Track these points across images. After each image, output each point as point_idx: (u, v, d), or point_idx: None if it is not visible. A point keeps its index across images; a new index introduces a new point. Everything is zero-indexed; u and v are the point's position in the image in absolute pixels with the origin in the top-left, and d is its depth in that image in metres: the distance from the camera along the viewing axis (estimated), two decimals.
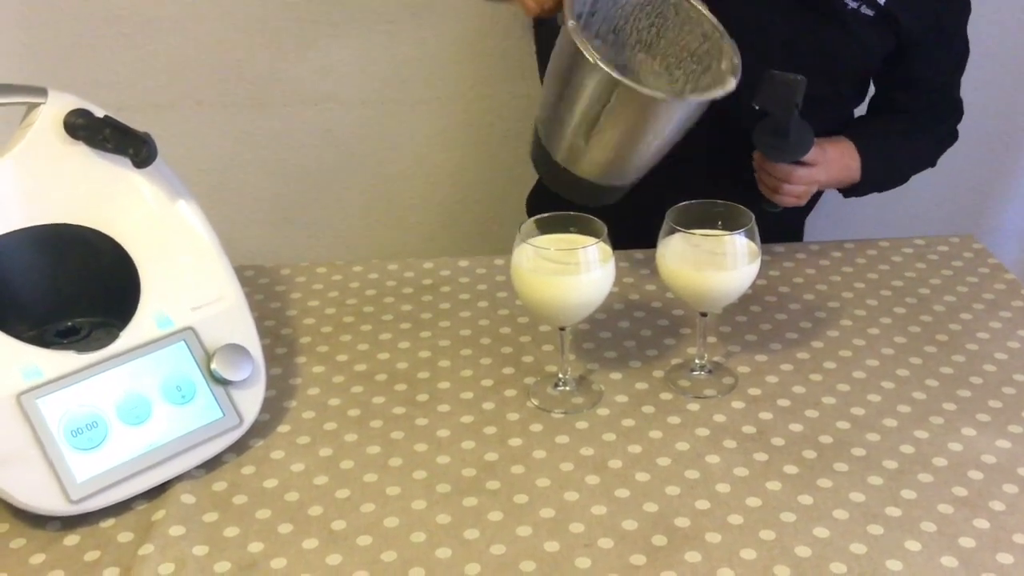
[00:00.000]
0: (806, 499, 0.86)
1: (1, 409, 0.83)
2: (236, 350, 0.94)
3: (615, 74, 0.95)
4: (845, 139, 1.24)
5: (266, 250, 1.59)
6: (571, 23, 0.99)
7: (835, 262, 1.23)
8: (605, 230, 0.92)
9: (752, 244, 0.94)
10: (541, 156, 1.08)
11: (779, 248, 1.26)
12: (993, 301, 1.14)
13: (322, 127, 1.65)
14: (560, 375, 1.00)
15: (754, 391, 1.00)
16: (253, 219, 1.66)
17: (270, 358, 1.05)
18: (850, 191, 1.30)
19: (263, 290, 1.20)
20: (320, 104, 1.63)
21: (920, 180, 1.70)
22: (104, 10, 1.57)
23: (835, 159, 1.22)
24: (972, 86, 1.32)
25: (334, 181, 1.69)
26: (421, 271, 1.24)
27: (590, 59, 0.95)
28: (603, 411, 0.98)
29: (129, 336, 0.91)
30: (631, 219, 1.05)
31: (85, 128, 0.96)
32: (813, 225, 1.44)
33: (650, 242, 0.98)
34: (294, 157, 1.67)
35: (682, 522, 0.83)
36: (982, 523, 0.82)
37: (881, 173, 1.28)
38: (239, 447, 0.94)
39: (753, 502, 0.85)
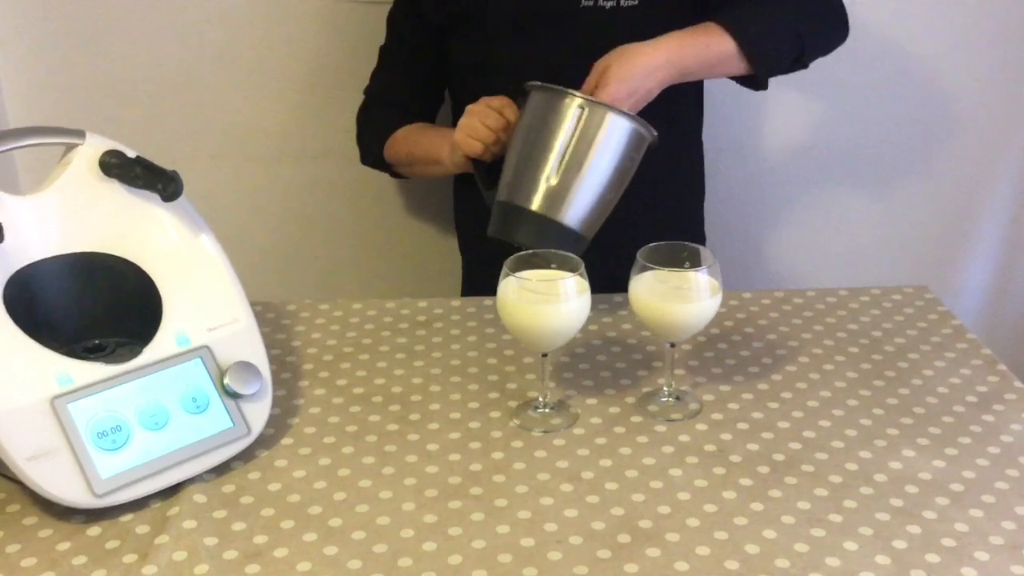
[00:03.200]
0: (757, 506, 0.95)
1: (36, 411, 0.93)
2: (246, 367, 1.04)
3: (580, 96, 1.12)
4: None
5: (274, 289, 1.71)
6: (538, 83, 1.17)
7: (797, 307, 1.34)
8: (582, 265, 1.03)
9: (713, 280, 1.05)
10: (509, 219, 1.18)
11: (747, 295, 1.37)
12: (939, 343, 1.24)
13: (327, 180, 1.78)
14: (541, 399, 1.10)
15: (716, 416, 1.10)
16: (263, 261, 1.78)
17: (276, 381, 1.15)
18: (754, 66, 1.25)
19: (270, 323, 1.30)
20: (325, 159, 1.77)
21: (885, 240, 1.83)
22: (132, 70, 1.71)
23: (669, 38, 1.21)
24: (936, 152, 1.44)
25: (338, 228, 1.82)
26: (416, 309, 1.34)
27: (562, 91, 1.13)
28: (579, 431, 1.07)
29: (151, 352, 1.01)
30: (599, 267, 1.16)
31: (118, 167, 1.07)
32: (779, 277, 1.55)
33: (621, 286, 1.09)
34: (301, 207, 1.80)
35: (645, 524, 0.92)
36: (915, 528, 0.92)
37: (765, 32, 1.25)
38: (246, 455, 1.03)
39: (710, 508, 0.95)
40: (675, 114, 1.44)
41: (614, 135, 1.15)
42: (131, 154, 1.08)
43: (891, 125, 1.81)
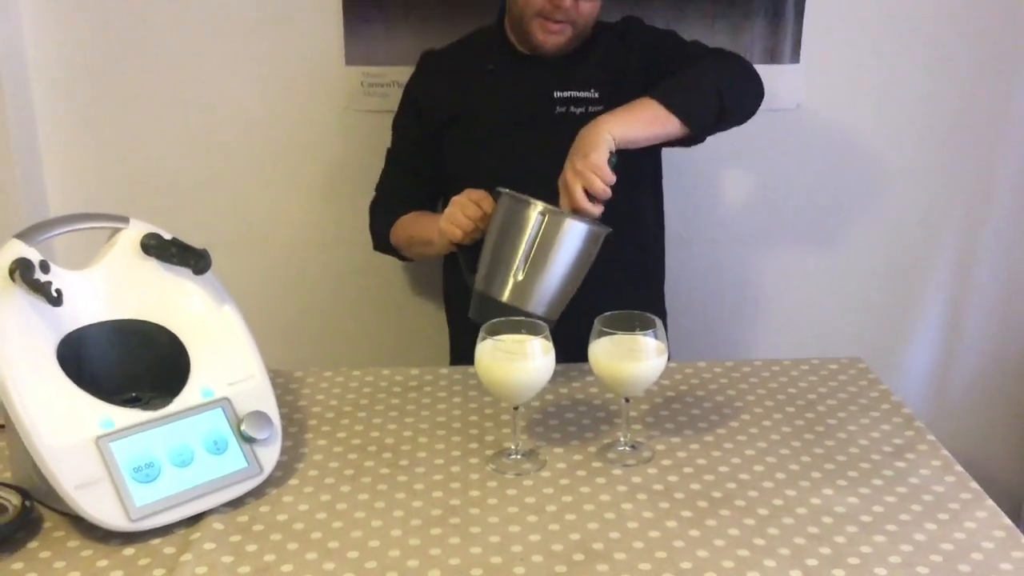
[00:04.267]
0: (694, 532, 1.11)
1: (83, 448, 1.10)
2: (260, 416, 1.21)
3: (542, 206, 1.31)
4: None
5: (284, 357, 1.89)
6: (505, 190, 1.36)
7: (744, 374, 1.51)
8: (547, 330, 1.22)
9: (660, 343, 1.23)
10: (485, 307, 1.36)
11: (701, 363, 1.55)
12: (866, 405, 1.42)
13: (335, 265, 2.00)
14: (513, 447, 1.27)
15: (666, 462, 1.26)
16: (276, 332, 1.97)
17: (284, 433, 1.31)
18: (691, 126, 1.43)
19: (280, 387, 1.48)
20: (334, 247, 1.98)
21: (832, 322, 2.02)
22: (165, 164, 1.95)
23: (613, 114, 1.39)
24: (878, 240, 1.63)
25: (342, 306, 2.03)
26: (408, 376, 1.52)
27: (526, 200, 1.32)
28: (545, 474, 1.24)
29: (180, 402, 1.19)
30: (571, 337, 1.34)
31: (156, 247, 1.26)
32: (732, 348, 1.72)
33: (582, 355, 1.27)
34: (312, 287, 2.03)
35: (597, 546, 1.08)
36: (826, 550, 1.07)
37: (691, 93, 1.43)
38: (258, 492, 1.19)
39: (654, 534, 1.11)
40: (637, 211, 1.67)
41: (571, 237, 1.34)
42: (167, 236, 1.27)
43: (839, 211, 2.03)
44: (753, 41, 1.91)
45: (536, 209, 1.33)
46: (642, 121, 1.41)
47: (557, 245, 1.33)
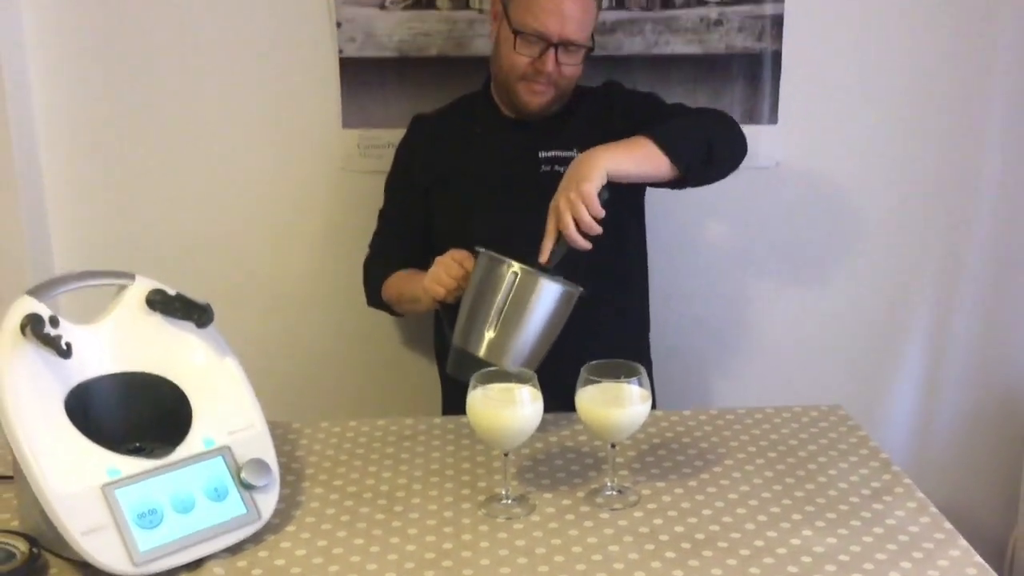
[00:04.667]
0: (678, 573, 1.15)
1: (90, 496, 1.15)
2: (259, 464, 1.26)
3: (516, 265, 1.37)
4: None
5: (280, 411, 1.94)
6: (483, 249, 1.42)
7: (727, 422, 1.56)
8: (535, 378, 1.27)
9: (644, 390, 1.29)
10: (462, 362, 1.42)
11: (686, 412, 1.60)
12: (845, 450, 1.46)
13: (331, 320, 2.06)
14: (504, 492, 1.32)
15: (652, 506, 1.31)
16: (272, 387, 2.01)
17: (282, 482, 1.36)
18: (680, 167, 1.48)
19: (278, 437, 1.51)
20: (330, 303, 2.04)
21: (814, 372, 2.08)
22: (162, 231, 2.02)
23: (608, 146, 1.44)
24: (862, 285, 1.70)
25: (339, 360, 2.09)
26: (403, 425, 1.57)
27: (501, 259, 1.38)
28: (535, 518, 1.28)
29: (182, 450, 1.23)
30: (561, 388, 1.38)
31: (161, 303, 1.32)
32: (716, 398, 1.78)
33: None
34: (309, 341, 2.09)
35: None
36: None
37: (682, 136, 1.50)
38: (257, 537, 1.24)
39: (639, 575, 1.15)
40: (622, 265, 1.74)
41: (544, 296, 1.39)
42: (172, 291, 1.33)
43: (819, 264, 2.10)
44: (733, 103, 2.00)
45: (511, 269, 1.39)
46: (635, 157, 1.47)
47: (530, 304, 1.39)
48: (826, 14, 1.99)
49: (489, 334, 1.40)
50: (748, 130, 1.91)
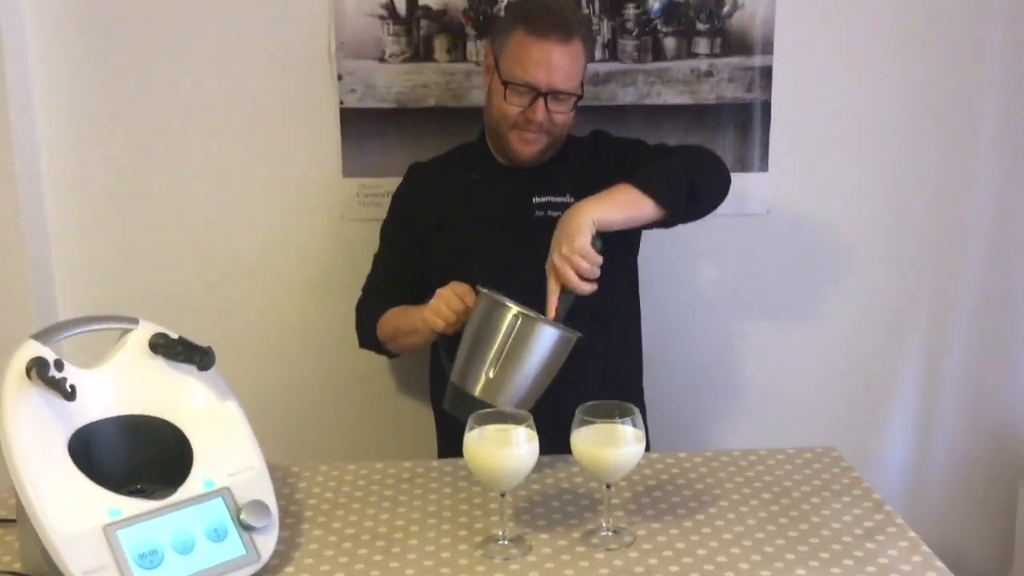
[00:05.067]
0: None
1: (92, 536, 1.16)
2: (259, 505, 1.27)
3: (516, 308, 1.40)
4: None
5: (279, 454, 1.96)
6: (484, 289, 1.45)
7: (722, 463, 1.58)
8: (531, 419, 1.29)
9: (638, 430, 1.31)
10: (459, 400, 1.45)
11: (682, 454, 1.62)
12: (838, 491, 1.48)
13: (328, 364, 2.09)
14: (501, 532, 1.33)
15: (647, 546, 1.32)
16: (271, 430, 2.03)
17: (281, 524, 1.37)
18: (664, 206, 1.52)
19: (277, 480, 1.53)
20: (327, 348, 2.07)
21: (808, 414, 2.10)
22: (162, 278, 2.05)
23: (592, 198, 1.49)
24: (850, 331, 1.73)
25: (336, 403, 2.10)
26: (401, 468, 1.58)
27: (502, 303, 1.41)
28: (532, 558, 1.29)
29: (183, 492, 1.25)
30: (556, 432, 1.41)
31: (163, 346, 1.35)
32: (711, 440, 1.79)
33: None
34: (307, 385, 2.11)
35: None
36: None
37: (663, 177, 1.54)
38: None
39: None
40: (615, 311, 1.77)
41: (542, 341, 1.42)
42: (174, 335, 1.36)
43: (810, 309, 2.13)
44: (724, 151, 2.04)
45: (511, 312, 1.42)
46: (619, 204, 1.51)
47: (528, 347, 1.42)
48: (814, 65, 2.04)
49: (487, 375, 1.42)
50: (739, 177, 1.97)
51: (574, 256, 1.44)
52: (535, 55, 1.64)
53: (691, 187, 1.58)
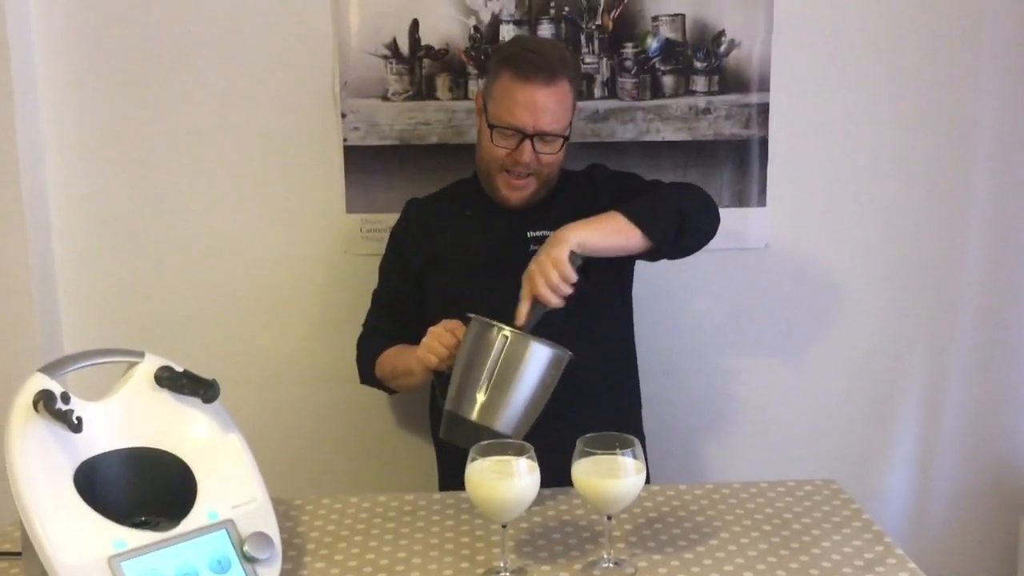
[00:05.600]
0: None
1: (97, 567, 1.17)
2: (262, 536, 1.28)
3: (507, 329, 1.42)
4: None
5: (281, 487, 1.97)
6: (475, 315, 1.47)
7: (722, 496, 1.59)
8: (532, 450, 1.30)
9: (638, 462, 1.32)
10: (454, 425, 1.46)
11: (682, 486, 1.62)
12: (838, 522, 1.49)
13: (329, 398, 2.10)
14: (502, 564, 1.34)
15: None
16: (273, 464, 2.04)
17: (284, 557, 1.38)
18: (652, 238, 1.55)
19: (280, 513, 1.53)
20: (329, 382, 2.09)
21: (809, 445, 2.11)
22: (165, 312, 2.07)
23: (578, 223, 1.52)
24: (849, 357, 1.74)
25: (337, 437, 2.12)
26: (403, 501, 1.59)
27: (491, 323, 1.43)
28: None
29: (187, 523, 1.26)
30: (556, 464, 1.41)
31: (169, 379, 1.36)
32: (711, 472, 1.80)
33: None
34: (309, 419, 2.12)
35: None
36: None
37: (652, 209, 1.57)
38: None
39: None
40: (609, 343, 1.79)
41: (533, 359, 1.44)
42: (179, 368, 1.37)
43: (809, 343, 2.15)
44: (722, 187, 2.07)
45: (501, 332, 1.44)
46: (605, 231, 1.54)
47: (520, 366, 1.43)
48: (810, 102, 2.07)
49: (480, 397, 1.44)
50: (737, 213, 1.99)
51: (547, 264, 1.47)
52: (520, 98, 1.67)
53: (680, 221, 1.60)
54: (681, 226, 1.60)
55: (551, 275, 1.47)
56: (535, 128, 1.68)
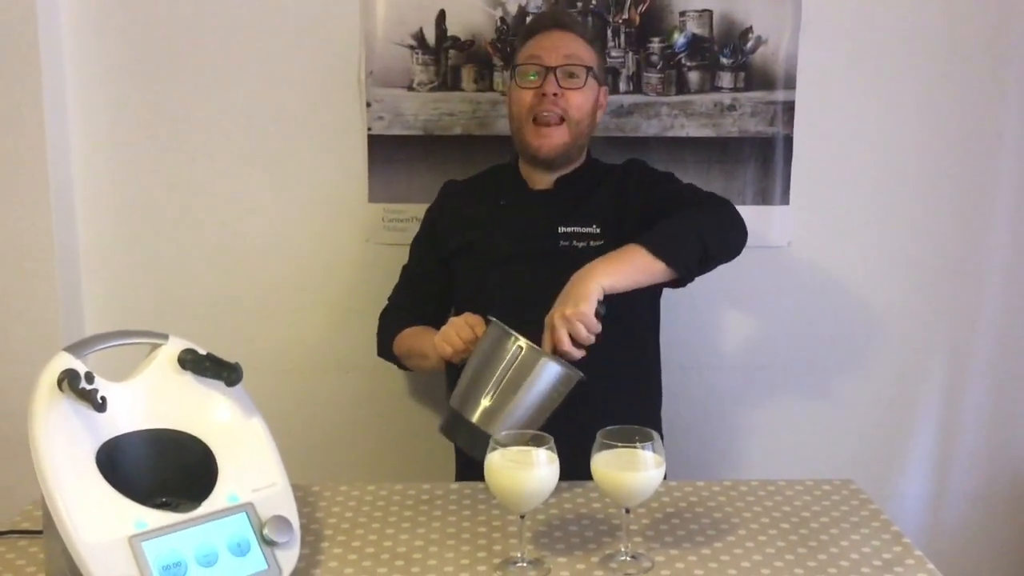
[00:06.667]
0: None
1: (117, 546, 1.18)
2: (282, 520, 1.29)
3: (523, 340, 1.42)
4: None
5: (300, 473, 1.98)
6: (495, 320, 1.47)
7: (740, 493, 1.58)
8: (552, 441, 1.30)
9: (658, 456, 1.32)
10: (454, 423, 1.47)
11: (700, 483, 1.62)
12: (856, 522, 1.48)
13: (350, 387, 2.11)
14: (520, 555, 1.34)
15: (665, 572, 1.32)
16: (292, 450, 2.05)
17: (302, 542, 1.38)
18: (676, 269, 1.54)
19: (298, 499, 1.52)
20: (351, 371, 2.09)
21: (828, 445, 2.10)
22: (188, 297, 2.08)
23: (603, 262, 1.50)
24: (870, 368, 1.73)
25: (357, 426, 2.12)
26: (421, 490, 1.59)
27: (508, 332, 1.43)
28: None
29: (207, 506, 1.27)
30: (576, 458, 1.41)
31: (192, 362, 1.37)
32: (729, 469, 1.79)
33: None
34: (329, 407, 2.13)
35: None
36: None
37: (676, 241, 1.55)
38: None
39: None
40: (636, 341, 1.78)
41: (543, 375, 1.43)
42: (202, 351, 1.38)
43: (830, 341, 2.14)
44: (746, 184, 2.06)
45: (516, 342, 1.43)
46: (629, 270, 1.52)
47: (528, 380, 1.43)
48: (836, 100, 2.06)
49: (485, 402, 1.44)
50: (761, 211, 1.98)
51: (574, 321, 1.45)
52: (539, 43, 1.76)
53: (703, 251, 1.59)
54: (704, 254, 1.59)
55: (580, 332, 1.44)
56: (556, 61, 1.72)
